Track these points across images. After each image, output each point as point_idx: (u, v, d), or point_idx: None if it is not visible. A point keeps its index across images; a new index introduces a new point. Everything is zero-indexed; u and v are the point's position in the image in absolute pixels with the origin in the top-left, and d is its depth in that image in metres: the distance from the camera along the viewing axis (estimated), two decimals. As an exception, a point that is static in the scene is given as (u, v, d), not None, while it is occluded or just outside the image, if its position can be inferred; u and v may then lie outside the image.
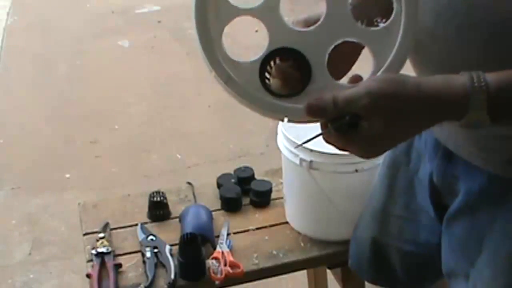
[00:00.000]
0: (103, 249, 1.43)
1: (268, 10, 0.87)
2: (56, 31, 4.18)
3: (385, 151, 0.83)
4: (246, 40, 2.55)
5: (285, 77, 0.88)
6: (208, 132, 3.06)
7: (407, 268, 1.24)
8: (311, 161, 1.36)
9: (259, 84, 0.86)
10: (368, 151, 0.82)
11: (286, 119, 0.85)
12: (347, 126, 0.78)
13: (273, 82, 0.88)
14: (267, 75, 0.88)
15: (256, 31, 2.72)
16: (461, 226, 1.03)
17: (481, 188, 0.99)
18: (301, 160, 1.37)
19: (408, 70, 0.92)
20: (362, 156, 0.83)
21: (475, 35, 0.85)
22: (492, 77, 0.77)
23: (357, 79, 0.82)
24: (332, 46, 0.86)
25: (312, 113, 0.80)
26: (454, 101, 0.78)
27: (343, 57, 0.91)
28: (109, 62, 3.79)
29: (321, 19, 0.87)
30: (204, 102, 3.21)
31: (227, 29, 0.90)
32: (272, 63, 0.88)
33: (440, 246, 1.10)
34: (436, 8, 0.89)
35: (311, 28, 0.87)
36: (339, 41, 0.87)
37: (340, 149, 0.83)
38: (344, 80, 0.89)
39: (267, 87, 0.87)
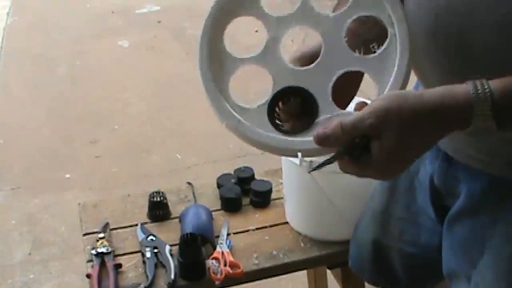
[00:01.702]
0: (103, 249, 1.43)
1: (268, 56, 0.90)
2: (56, 31, 4.18)
3: (401, 170, 0.82)
4: (246, 40, 2.55)
5: (293, 115, 0.90)
6: (208, 132, 3.05)
7: (408, 269, 1.24)
8: (311, 161, 1.36)
9: (269, 125, 0.89)
10: (384, 172, 0.82)
11: (300, 154, 0.87)
12: (359, 149, 0.79)
13: (283, 122, 0.91)
14: (276, 115, 0.90)
15: (256, 31, 2.72)
16: (463, 228, 1.03)
17: (483, 190, 0.99)
18: (301, 160, 1.37)
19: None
20: (381, 179, 0.85)
21: (476, 37, 0.85)
22: (496, 84, 0.77)
23: (363, 106, 0.83)
24: (335, 78, 0.89)
25: (322, 142, 0.82)
26: (457, 109, 0.78)
27: (346, 85, 0.92)
28: (109, 62, 3.79)
29: (320, 56, 0.89)
30: (204, 102, 3.18)
31: (227, 28, 0.91)
32: (279, 104, 0.90)
33: (441, 247, 1.09)
34: (435, 10, 0.89)
35: (312, 65, 0.90)
36: (341, 73, 0.89)
37: (358, 176, 0.83)
38: (351, 108, 0.90)
39: (277, 127, 0.89)
